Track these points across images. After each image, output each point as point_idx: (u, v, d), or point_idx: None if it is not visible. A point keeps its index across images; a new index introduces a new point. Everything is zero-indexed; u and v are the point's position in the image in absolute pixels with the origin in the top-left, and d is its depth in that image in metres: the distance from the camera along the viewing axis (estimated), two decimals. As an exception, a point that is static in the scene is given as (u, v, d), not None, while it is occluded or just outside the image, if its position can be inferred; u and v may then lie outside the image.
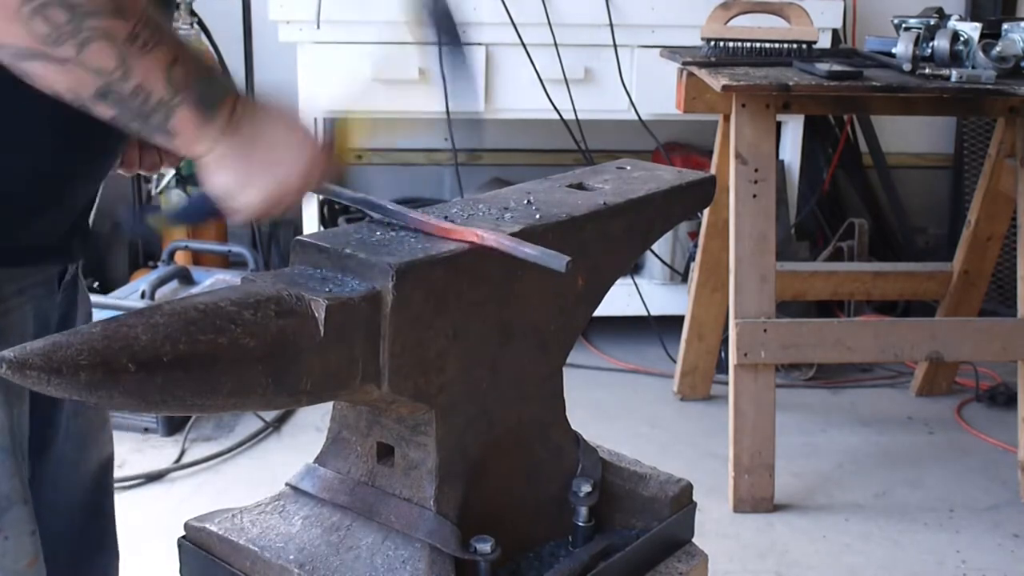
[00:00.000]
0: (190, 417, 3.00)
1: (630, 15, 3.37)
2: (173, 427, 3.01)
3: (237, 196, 1.07)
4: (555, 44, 3.32)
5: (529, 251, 1.05)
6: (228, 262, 3.76)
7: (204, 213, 1.13)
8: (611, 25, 3.35)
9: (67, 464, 1.43)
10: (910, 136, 4.26)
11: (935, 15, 2.74)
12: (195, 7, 3.48)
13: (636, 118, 3.46)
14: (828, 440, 3.12)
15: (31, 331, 1.26)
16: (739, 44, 2.84)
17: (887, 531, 2.63)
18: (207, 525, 1.19)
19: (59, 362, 0.84)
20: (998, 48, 2.63)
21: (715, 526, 2.60)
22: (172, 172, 3.58)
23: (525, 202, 1.24)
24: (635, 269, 3.69)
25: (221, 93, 1.04)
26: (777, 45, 2.85)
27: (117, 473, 2.78)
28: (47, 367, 0.83)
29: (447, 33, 1.13)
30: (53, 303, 1.32)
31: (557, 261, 1.02)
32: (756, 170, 2.64)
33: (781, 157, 3.61)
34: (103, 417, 1.51)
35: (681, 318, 3.31)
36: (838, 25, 3.55)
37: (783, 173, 3.59)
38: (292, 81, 3.40)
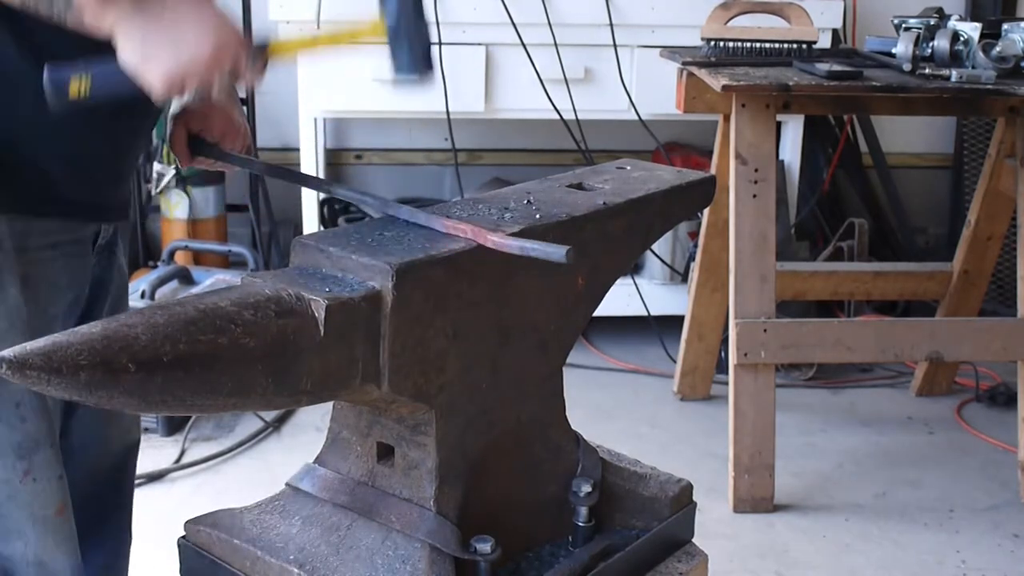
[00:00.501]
0: (190, 417, 3.00)
1: (630, 15, 3.37)
2: (173, 427, 3.01)
3: (143, 68, 1.10)
4: (555, 44, 3.32)
5: (530, 246, 1.05)
6: (228, 262, 3.76)
7: (122, 81, 1.12)
8: (611, 25, 3.35)
9: (91, 438, 1.44)
10: (910, 136, 4.26)
11: (935, 15, 2.74)
12: (195, 7, 3.48)
13: (636, 118, 3.46)
14: (828, 440, 3.12)
15: (64, 283, 1.29)
16: (739, 44, 2.84)
17: (887, 531, 2.63)
18: (207, 525, 1.19)
19: (59, 362, 0.84)
20: (998, 48, 2.63)
21: (715, 526, 2.60)
22: (172, 172, 3.58)
23: (525, 202, 1.24)
24: (635, 269, 3.69)
25: None
26: (777, 45, 2.85)
27: (117, 473, 2.78)
28: (47, 367, 0.83)
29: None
30: (86, 263, 1.34)
31: (557, 252, 1.02)
32: (756, 170, 2.64)
33: (781, 157, 3.61)
34: None
35: (681, 318, 3.31)
36: (838, 25, 3.55)
37: (783, 173, 3.59)
38: (292, 81, 3.40)
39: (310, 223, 3.55)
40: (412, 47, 1.15)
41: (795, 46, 2.84)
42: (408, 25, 1.15)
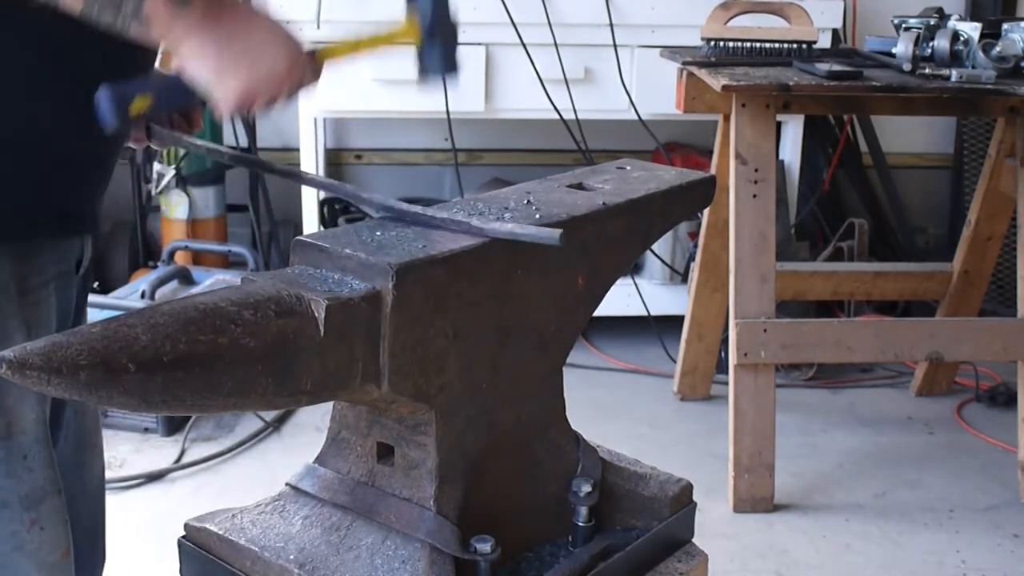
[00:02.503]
0: (190, 417, 3.00)
1: (630, 15, 3.37)
2: (173, 427, 3.01)
3: (216, 84, 1.07)
4: (555, 44, 3.32)
5: (520, 231, 1.07)
6: (228, 262, 3.76)
7: (185, 96, 1.10)
8: (611, 25, 3.35)
9: (70, 466, 1.44)
10: (910, 136, 4.26)
11: (935, 15, 2.74)
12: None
13: (636, 118, 3.46)
14: (828, 440, 3.12)
15: (54, 324, 1.27)
16: (739, 44, 2.84)
17: (887, 531, 2.63)
18: (207, 525, 1.19)
19: (59, 362, 0.84)
20: (998, 48, 2.63)
21: (715, 526, 2.60)
22: (172, 172, 3.58)
23: (525, 202, 1.25)
24: (635, 269, 3.69)
25: None
26: (777, 45, 2.85)
27: (117, 473, 2.80)
28: (47, 367, 0.83)
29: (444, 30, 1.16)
30: (70, 295, 1.33)
31: (550, 236, 1.04)
32: (756, 170, 2.64)
33: (781, 157, 3.61)
34: (97, 421, 1.52)
35: (681, 318, 3.31)
36: (838, 25, 3.55)
37: (783, 173, 3.59)
38: (292, 81, 3.39)
39: (310, 223, 3.55)
40: (444, 48, 1.16)
41: (795, 46, 2.84)
42: (441, 25, 1.16)
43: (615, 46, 3.37)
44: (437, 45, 1.16)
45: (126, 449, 2.91)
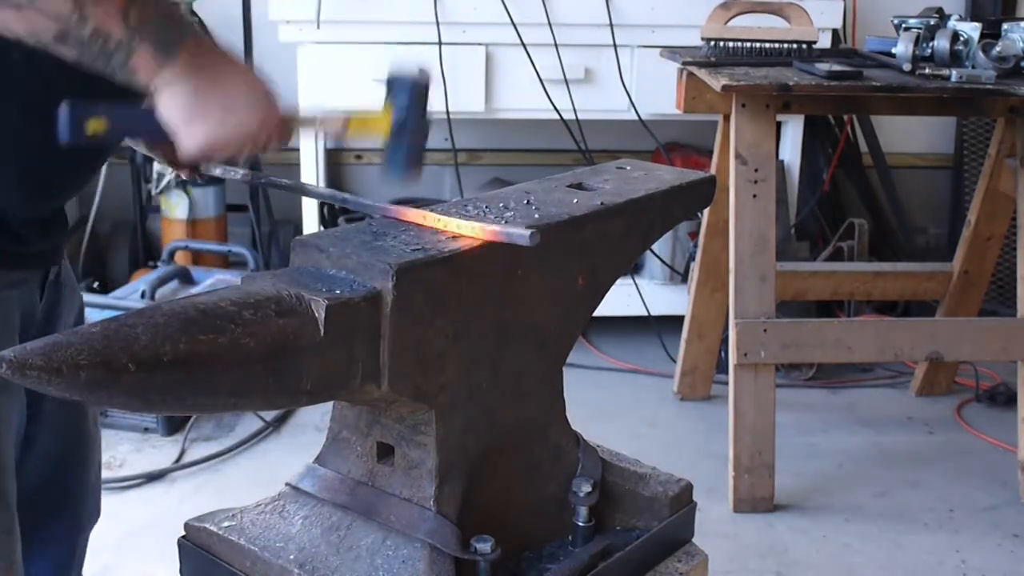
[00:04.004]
0: (190, 417, 3.00)
1: (630, 15, 3.37)
2: (173, 427, 3.01)
3: (185, 129, 1.08)
4: (555, 44, 3.32)
5: (500, 231, 1.07)
6: (228, 262, 3.76)
7: (147, 130, 1.11)
8: (611, 25, 3.35)
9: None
10: (910, 136, 4.26)
11: (935, 15, 2.74)
12: (195, 7, 3.48)
13: (636, 118, 3.46)
14: (828, 440, 3.12)
15: (16, 323, 1.27)
16: (739, 44, 2.84)
17: (887, 531, 2.63)
18: (207, 525, 1.19)
19: (59, 362, 0.84)
20: (998, 48, 2.63)
21: (715, 526, 2.60)
22: (172, 172, 3.58)
23: (525, 202, 1.24)
24: (635, 269, 3.69)
25: (179, 35, 1.06)
26: (777, 45, 2.85)
27: (117, 473, 2.79)
28: (47, 367, 0.83)
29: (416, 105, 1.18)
30: (36, 299, 1.33)
31: (521, 236, 1.05)
32: (756, 170, 2.64)
33: (781, 157, 3.61)
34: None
35: (681, 318, 3.31)
36: (838, 25, 3.55)
37: (783, 173, 3.59)
38: (292, 81, 3.40)
39: (310, 223, 3.55)
40: (410, 149, 1.17)
41: (795, 46, 2.84)
42: (412, 126, 1.16)
43: (615, 46, 3.37)
44: (403, 145, 1.17)
45: (126, 449, 2.90)
